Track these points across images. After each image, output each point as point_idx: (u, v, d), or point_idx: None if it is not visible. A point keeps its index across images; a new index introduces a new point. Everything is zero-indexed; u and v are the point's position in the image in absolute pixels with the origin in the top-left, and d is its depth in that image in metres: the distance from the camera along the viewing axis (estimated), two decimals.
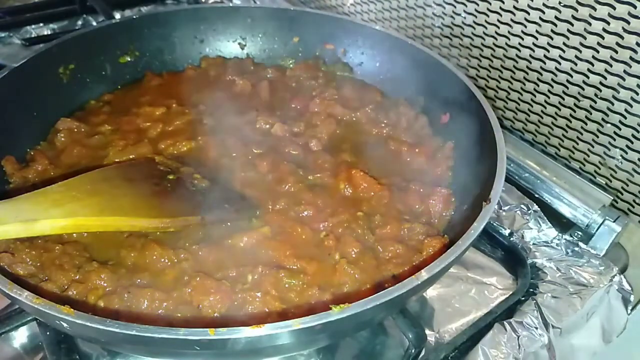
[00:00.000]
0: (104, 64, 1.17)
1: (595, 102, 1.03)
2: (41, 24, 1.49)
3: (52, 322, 0.60)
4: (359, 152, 1.02)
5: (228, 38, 1.30)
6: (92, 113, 1.09)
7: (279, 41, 1.30)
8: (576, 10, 0.98)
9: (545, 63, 1.08)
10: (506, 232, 1.01)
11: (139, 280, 0.75)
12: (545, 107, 1.12)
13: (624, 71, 0.96)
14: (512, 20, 1.10)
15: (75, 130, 1.02)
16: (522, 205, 1.03)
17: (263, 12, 1.29)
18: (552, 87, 1.09)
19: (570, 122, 1.09)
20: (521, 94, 1.16)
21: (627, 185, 1.04)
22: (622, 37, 0.94)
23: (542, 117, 1.14)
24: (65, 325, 0.58)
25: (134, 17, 1.23)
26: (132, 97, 1.15)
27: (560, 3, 1.00)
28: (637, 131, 0.98)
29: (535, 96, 1.13)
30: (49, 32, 1.48)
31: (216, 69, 1.24)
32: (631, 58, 0.94)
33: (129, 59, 1.21)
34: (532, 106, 1.15)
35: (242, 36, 1.30)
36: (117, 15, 1.52)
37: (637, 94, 0.95)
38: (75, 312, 0.56)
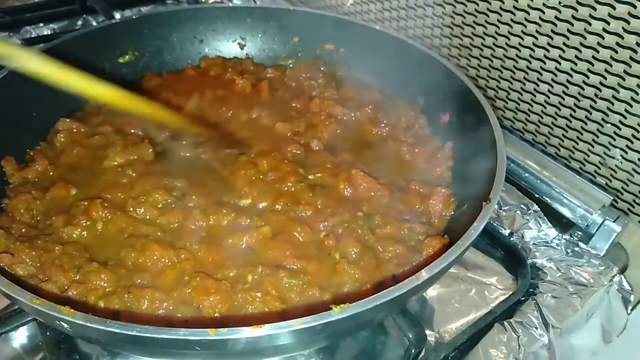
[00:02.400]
0: (103, 64, 1.16)
1: (595, 102, 1.03)
2: (41, 24, 1.48)
3: (53, 323, 0.60)
4: (359, 152, 1.02)
5: (227, 38, 1.30)
6: (91, 114, 1.09)
7: (278, 41, 1.30)
8: (576, 10, 0.98)
9: (545, 63, 1.08)
10: (506, 232, 1.01)
11: (139, 281, 0.75)
12: (545, 107, 1.12)
13: (624, 71, 0.96)
14: (512, 20, 1.10)
15: (75, 130, 1.02)
16: (522, 205, 1.03)
17: (262, 12, 1.29)
18: (552, 87, 1.09)
19: (570, 122, 1.09)
20: (521, 94, 1.16)
21: (627, 185, 1.04)
22: (622, 37, 0.94)
23: (542, 117, 1.14)
24: (65, 325, 0.58)
25: (134, 17, 1.23)
26: None
27: (560, 3, 1.00)
28: (637, 131, 0.98)
29: (535, 96, 1.13)
30: (49, 32, 1.48)
31: (216, 68, 1.24)
32: (631, 58, 0.94)
33: (128, 59, 1.20)
34: (532, 106, 1.15)
35: (241, 36, 1.30)
36: (117, 15, 1.51)
37: (637, 94, 0.95)
38: (75, 312, 0.56)
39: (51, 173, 0.93)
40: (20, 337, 0.81)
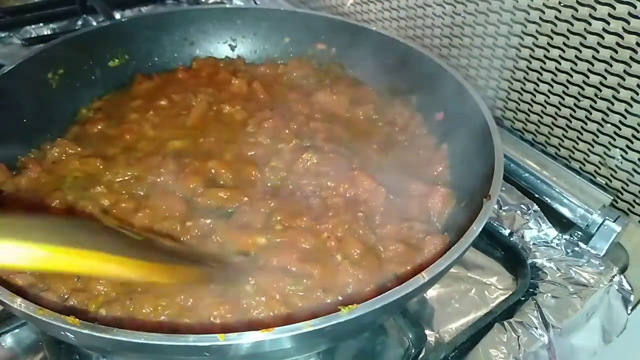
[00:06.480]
0: (93, 69, 1.14)
1: (595, 102, 1.03)
2: (41, 24, 1.49)
3: (57, 333, 0.59)
4: (356, 151, 1.02)
5: (218, 40, 1.29)
6: (87, 121, 1.06)
7: (269, 42, 1.29)
8: (576, 10, 0.98)
9: (545, 63, 1.08)
10: (506, 232, 1.01)
11: (140, 287, 0.74)
12: (545, 107, 1.12)
13: (624, 71, 0.96)
14: (512, 20, 1.10)
15: (72, 152, 0.97)
16: (522, 205, 1.03)
17: (253, 13, 1.28)
18: (552, 87, 1.09)
19: (570, 122, 1.09)
20: (521, 94, 1.16)
21: (627, 185, 1.04)
22: (622, 37, 0.94)
23: (542, 117, 1.14)
24: (70, 335, 0.57)
25: (123, 20, 1.22)
26: (123, 102, 1.11)
27: (560, 3, 1.00)
28: (637, 131, 0.98)
29: (535, 96, 1.13)
30: (49, 32, 1.48)
31: (207, 69, 1.22)
32: (631, 58, 0.94)
33: (119, 63, 1.18)
34: (532, 106, 1.15)
35: (232, 37, 1.29)
36: (117, 15, 1.52)
37: (637, 94, 0.95)
38: (80, 322, 0.55)
39: (43, 180, 0.91)
40: (20, 337, 0.80)
